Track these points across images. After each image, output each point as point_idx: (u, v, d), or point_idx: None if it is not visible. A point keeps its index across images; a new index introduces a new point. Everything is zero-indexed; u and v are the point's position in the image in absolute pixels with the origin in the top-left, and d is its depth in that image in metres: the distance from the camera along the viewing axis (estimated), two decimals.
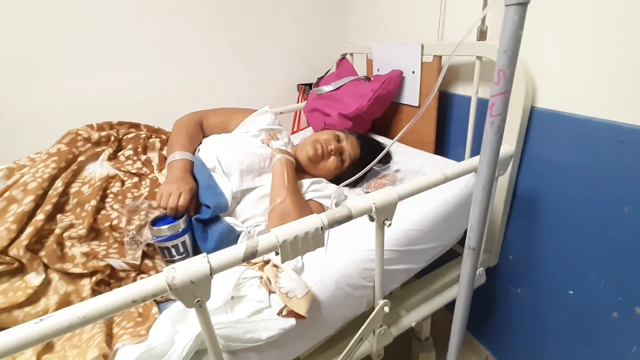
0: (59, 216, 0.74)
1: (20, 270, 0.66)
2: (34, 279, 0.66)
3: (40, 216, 0.70)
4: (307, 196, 0.93)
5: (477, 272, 0.93)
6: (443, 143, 1.24)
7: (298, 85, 1.68)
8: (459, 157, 1.15)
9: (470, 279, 0.62)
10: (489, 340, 1.30)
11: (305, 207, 0.86)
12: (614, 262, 0.82)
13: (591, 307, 0.89)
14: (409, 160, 1.13)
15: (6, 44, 1.13)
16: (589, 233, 0.85)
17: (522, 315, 1.11)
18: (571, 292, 0.93)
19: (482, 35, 0.95)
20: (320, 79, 1.54)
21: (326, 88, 1.37)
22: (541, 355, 1.08)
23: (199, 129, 1.01)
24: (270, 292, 0.65)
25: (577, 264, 0.90)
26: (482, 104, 1.01)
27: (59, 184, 0.76)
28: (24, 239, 0.67)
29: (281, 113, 1.42)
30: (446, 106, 1.19)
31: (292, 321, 0.61)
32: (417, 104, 1.21)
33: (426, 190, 0.65)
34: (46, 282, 0.67)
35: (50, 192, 0.75)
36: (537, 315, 1.05)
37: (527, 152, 0.94)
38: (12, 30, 1.12)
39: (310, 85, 1.63)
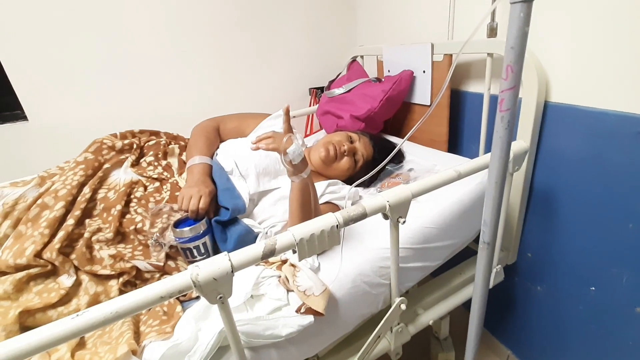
0: (87, 221, 0.78)
1: (53, 272, 0.71)
2: (65, 280, 0.70)
3: (70, 221, 0.75)
4: (324, 198, 0.94)
5: (495, 269, 0.92)
6: (456, 141, 1.24)
7: (310, 89, 1.71)
8: (473, 155, 1.15)
9: (486, 274, 0.62)
10: (509, 339, 1.28)
11: None
12: (636, 256, 0.80)
13: (614, 303, 0.87)
14: (422, 159, 1.13)
15: (33, 58, 1.20)
16: (609, 227, 0.83)
17: (543, 313, 1.09)
18: (593, 288, 0.91)
19: (492, 32, 0.95)
20: (331, 82, 1.56)
21: (337, 91, 1.39)
22: (563, 353, 1.06)
23: (216, 134, 1.05)
24: (289, 290, 0.67)
25: (597, 259, 0.88)
26: (495, 101, 1.00)
27: (86, 191, 0.80)
28: (56, 242, 0.71)
29: (294, 117, 1.45)
30: (458, 104, 1.19)
31: (310, 318, 0.62)
32: (428, 103, 1.21)
33: (440, 188, 0.66)
34: (77, 284, 0.70)
35: (79, 198, 0.79)
36: (559, 312, 1.04)
37: (542, 147, 0.93)
38: (37, 45, 1.19)
39: (321, 89, 1.65)
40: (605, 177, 0.82)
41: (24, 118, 1.24)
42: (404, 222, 0.62)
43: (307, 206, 0.76)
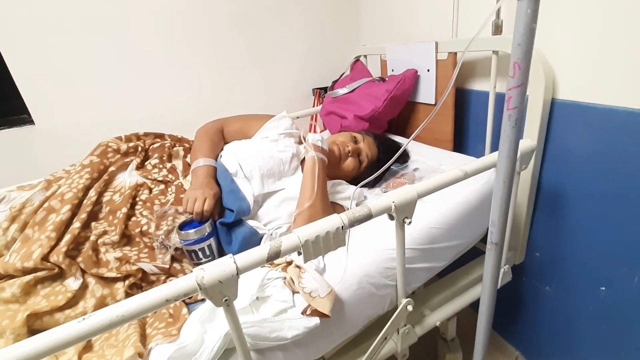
0: (93, 224, 0.78)
1: (60, 275, 0.71)
2: (72, 283, 0.70)
3: (76, 224, 0.75)
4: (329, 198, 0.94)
5: (503, 269, 0.91)
6: (462, 140, 1.23)
7: (313, 89, 1.71)
8: (479, 154, 1.13)
9: (494, 274, 0.61)
10: (518, 340, 1.26)
11: (332, 212, 0.86)
12: None
13: (625, 303, 0.86)
14: (428, 159, 1.12)
15: (39, 63, 1.21)
16: (619, 226, 0.82)
17: (552, 313, 1.08)
18: (603, 288, 0.89)
19: (497, 29, 0.94)
20: (335, 82, 1.56)
21: (341, 91, 1.39)
22: (573, 354, 1.05)
23: (220, 136, 1.05)
24: (294, 292, 0.66)
25: (608, 259, 0.87)
26: (501, 99, 0.99)
27: (92, 194, 0.81)
28: (62, 246, 0.71)
29: (298, 117, 1.44)
30: (463, 103, 1.18)
31: (316, 320, 0.62)
32: (433, 102, 1.20)
33: (446, 188, 0.65)
34: (84, 286, 0.71)
35: (85, 201, 0.79)
36: (568, 313, 1.02)
37: (549, 145, 0.92)
38: (43, 50, 1.20)
39: (325, 89, 1.65)
40: (614, 175, 0.80)
41: (31, 122, 1.25)
42: (410, 222, 0.62)
43: (316, 181, 0.83)
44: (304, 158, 0.91)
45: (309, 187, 0.84)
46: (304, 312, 0.62)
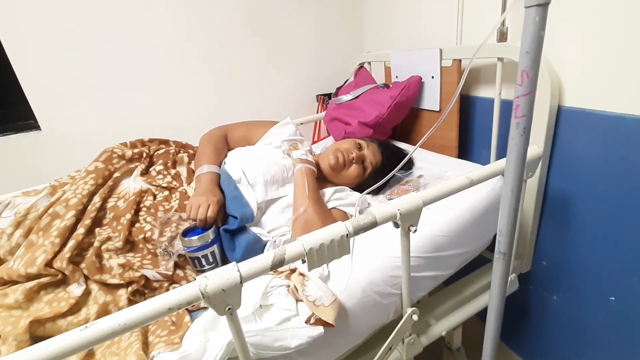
0: (97, 230, 0.78)
1: (63, 281, 0.71)
2: (75, 289, 0.70)
3: (80, 230, 0.75)
4: (330, 204, 0.93)
5: (509, 278, 0.90)
6: (467, 147, 1.22)
7: (317, 95, 1.71)
8: (484, 161, 1.13)
9: (502, 285, 0.60)
10: (524, 350, 1.24)
11: (328, 215, 0.86)
12: None
13: (635, 313, 0.84)
14: (432, 166, 1.12)
15: (46, 69, 1.22)
16: (628, 234, 0.81)
17: (560, 323, 1.06)
18: (612, 298, 0.88)
19: (502, 36, 0.94)
20: (339, 88, 1.56)
21: (345, 97, 1.39)
22: None
23: (224, 142, 1.05)
24: (298, 300, 0.65)
25: (617, 267, 0.85)
26: (506, 106, 0.99)
27: (97, 200, 0.81)
28: (66, 252, 0.71)
29: (301, 124, 1.45)
30: (468, 109, 1.18)
31: (320, 329, 0.61)
32: (437, 109, 1.20)
33: (451, 195, 0.65)
34: (86, 293, 0.70)
35: (89, 207, 0.79)
36: (576, 323, 1.00)
37: (556, 152, 0.91)
38: (50, 56, 1.21)
39: (329, 96, 1.65)
40: (622, 182, 0.79)
41: (37, 128, 1.26)
42: (415, 230, 0.61)
43: (306, 187, 0.87)
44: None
45: (300, 195, 0.87)
46: (307, 321, 0.62)
